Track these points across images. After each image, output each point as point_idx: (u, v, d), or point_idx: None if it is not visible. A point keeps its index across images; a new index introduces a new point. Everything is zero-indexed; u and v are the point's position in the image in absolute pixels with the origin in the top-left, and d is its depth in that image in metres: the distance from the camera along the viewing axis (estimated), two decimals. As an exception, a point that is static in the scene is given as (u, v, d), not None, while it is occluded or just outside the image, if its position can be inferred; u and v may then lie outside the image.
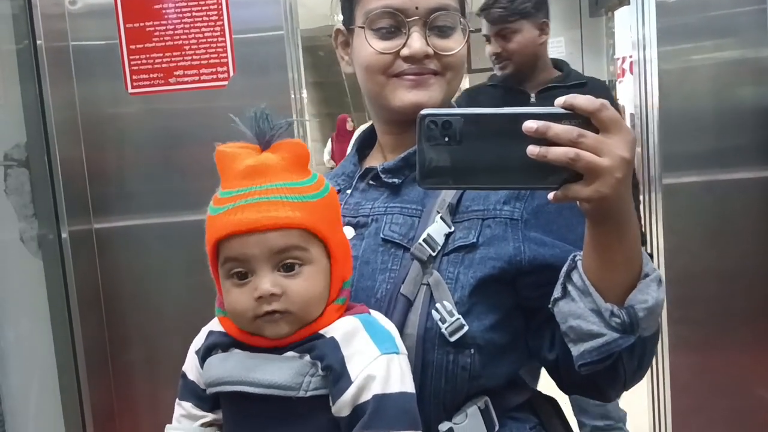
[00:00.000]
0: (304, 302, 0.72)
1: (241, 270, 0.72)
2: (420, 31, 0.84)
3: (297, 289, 0.72)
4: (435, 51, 0.84)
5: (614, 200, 0.65)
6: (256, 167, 0.72)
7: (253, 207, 0.71)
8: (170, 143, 1.81)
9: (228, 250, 0.72)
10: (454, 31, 0.85)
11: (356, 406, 0.69)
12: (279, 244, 0.71)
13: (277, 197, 0.71)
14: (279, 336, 0.73)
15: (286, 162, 0.73)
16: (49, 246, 1.80)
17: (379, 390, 0.69)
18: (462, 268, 0.80)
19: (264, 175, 0.72)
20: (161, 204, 1.83)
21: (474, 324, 0.79)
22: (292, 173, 0.73)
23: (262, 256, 0.71)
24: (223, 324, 0.77)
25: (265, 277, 0.71)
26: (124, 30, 1.76)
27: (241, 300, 0.72)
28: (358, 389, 0.69)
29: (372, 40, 0.85)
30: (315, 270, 0.73)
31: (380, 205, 0.87)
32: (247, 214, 0.71)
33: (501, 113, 0.65)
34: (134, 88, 1.78)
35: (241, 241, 0.71)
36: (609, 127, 0.63)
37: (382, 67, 0.85)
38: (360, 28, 0.86)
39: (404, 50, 0.84)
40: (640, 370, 0.76)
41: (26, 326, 1.82)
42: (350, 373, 0.70)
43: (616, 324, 0.70)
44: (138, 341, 1.87)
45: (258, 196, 0.71)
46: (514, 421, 0.83)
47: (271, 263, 0.71)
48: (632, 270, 0.70)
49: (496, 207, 0.82)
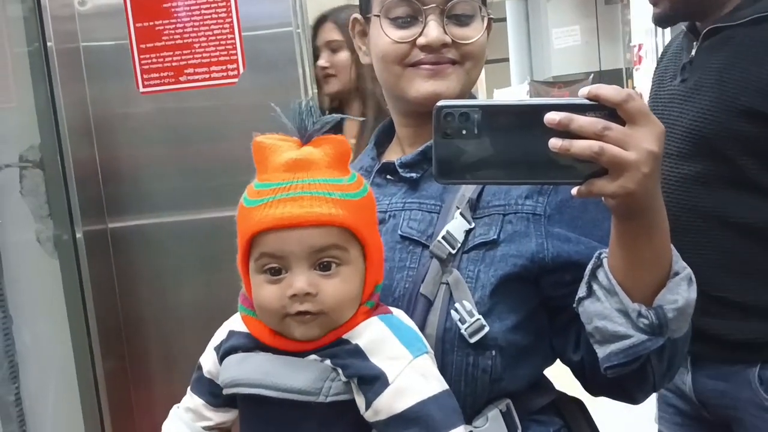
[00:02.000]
0: (337, 304, 0.70)
1: (275, 266, 0.70)
2: (437, 19, 0.81)
3: (332, 291, 0.69)
4: (453, 39, 0.82)
5: (641, 196, 0.62)
6: (298, 160, 0.70)
7: (295, 201, 0.68)
8: (182, 141, 1.81)
9: (264, 245, 0.70)
10: (473, 20, 0.83)
11: (397, 414, 0.67)
12: (319, 242, 0.69)
13: (321, 193, 0.69)
14: (309, 338, 0.70)
15: (329, 158, 0.71)
16: (64, 246, 1.81)
17: (421, 396, 0.68)
18: (482, 266, 0.78)
19: (307, 169, 0.69)
20: (175, 202, 1.83)
21: (495, 325, 0.76)
22: (335, 170, 0.71)
23: (301, 253, 0.69)
24: (247, 324, 0.75)
25: (302, 275, 0.69)
26: (134, 29, 1.76)
27: (272, 297, 0.70)
28: (397, 391, 0.67)
29: (388, 29, 0.83)
30: (352, 272, 0.71)
31: (398, 201, 0.85)
32: (289, 208, 0.68)
33: (521, 104, 0.62)
34: (145, 87, 1.78)
35: (280, 237, 0.68)
36: (636, 118, 0.60)
37: (398, 57, 0.83)
38: (376, 17, 0.84)
39: (420, 39, 0.81)
40: (669, 372, 0.74)
41: (43, 327, 1.83)
42: (387, 375, 0.68)
43: (644, 325, 0.67)
44: (155, 340, 1.88)
45: (301, 190, 0.69)
46: (538, 424, 0.81)
47: (308, 261, 0.69)
48: (661, 268, 0.67)
49: (518, 202, 0.79)
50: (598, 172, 0.61)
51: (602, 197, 0.64)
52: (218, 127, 1.71)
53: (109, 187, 1.83)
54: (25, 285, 1.81)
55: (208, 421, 0.81)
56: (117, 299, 1.87)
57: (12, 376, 1.81)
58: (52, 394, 1.85)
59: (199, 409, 0.81)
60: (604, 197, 0.64)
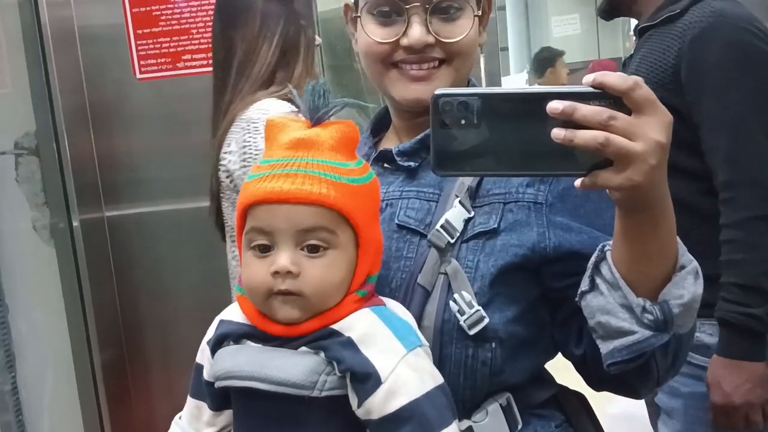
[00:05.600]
0: (319, 287, 0.69)
1: (264, 243, 0.69)
2: (421, 16, 0.78)
3: (315, 273, 0.68)
4: (438, 39, 0.79)
5: (648, 189, 0.60)
6: (302, 140, 0.70)
7: (288, 177, 0.68)
8: (180, 128, 1.79)
9: (254, 218, 0.70)
10: (461, 13, 0.79)
11: (390, 414, 0.66)
12: (306, 221, 0.68)
13: (316, 172, 0.68)
14: (289, 320, 0.69)
15: (334, 141, 0.71)
16: (61, 235, 1.80)
17: (413, 395, 0.67)
18: (482, 255, 0.76)
19: (309, 148, 0.70)
20: (172, 190, 1.82)
21: (495, 316, 0.75)
22: (338, 153, 0.71)
23: (287, 230, 0.68)
24: (240, 304, 0.74)
25: (286, 253, 0.68)
26: (130, 14, 1.74)
27: (257, 273, 0.69)
28: (389, 392, 0.66)
29: (370, 26, 0.80)
30: (339, 256, 0.70)
31: (395, 189, 0.83)
32: (281, 183, 0.68)
33: (523, 93, 0.60)
34: (142, 73, 1.76)
35: (270, 211, 0.68)
36: (643, 107, 0.58)
37: (381, 56, 0.80)
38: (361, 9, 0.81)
39: (403, 39, 0.78)
40: (674, 366, 0.72)
41: (40, 316, 1.83)
42: (379, 372, 0.67)
43: (648, 321, 0.65)
44: (152, 328, 1.87)
45: (296, 168, 0.68)
46: (539, 418, 0.80)
47: (295, 240, 0.68)
48: (667, 262, 0.66)
49: (519, 190, 0.78)
50: (603, 163, 0.59)
51: (607, 189, 0.62)
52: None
53: (106, 174, 1.82)
54: (21, 273, 1.80)
55: (211, 428, 0.79)
56: (114, 288, 1.86)
57: (8, 365, 1.80)
58: (49, 384, 1.85)
59: (202, 415, 0.79)
60: (609, 190, 0.62)
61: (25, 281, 1.81)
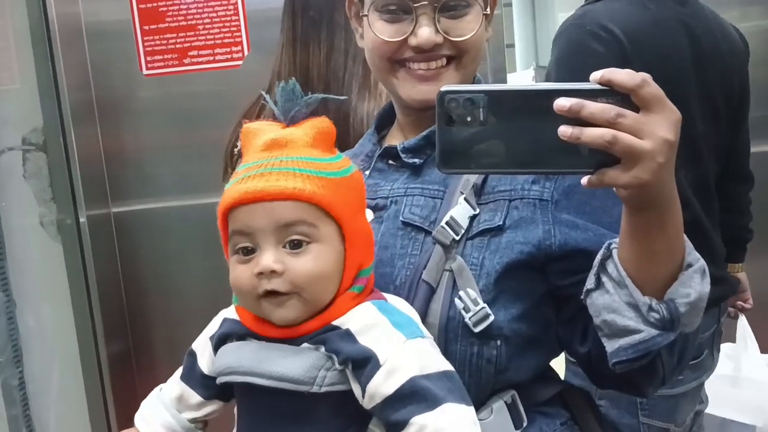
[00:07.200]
0: (308, 281, 0.68)
1: (246, 245, 0.69)
2: (429, 14, 0.77)
3: (301, 268, 0.68)
4: (446, 37, 0.78)
5: (656, 187, 0.60)
6: (276, 140, 0.70)
7: (263, 176, 0.68)
8: (186, 124, 1.80)
9: (234, 221, 0.70)
10: (469, 9, 0.79)
11: (392, 393, 0.65)
12: (284, 216, 0.68)
13: (290, 169, 0.68)
14: (287, 321, 0.69)
15: (309, 137, 0.71)
16: (68, 230, 1.80)
17: (416, 371, 0.66)
18: (487, 253, 0.76)
19: (283, 147, 0.70)
20: (179, 186, 1.82)
21: (500, 313, 0.75)
22: (314, 149, 0.71)
23: (267, 228, 0.68)
24: (238, 312, 0.74)
25: (268, 252, 0.68)
26: (137, 11, 1.74)
27: (243, 276, 0.69)
28: (389, 372, 0.65)
29: (378, 23, 0.80)
30: (324, 250, 0.69)
31: (400, 186, 0.83)
32: (255, 182, 0.68)
33: (529, 90, 0.60)
34: (149, 69, 1.76)
35: (247, 211, 0.68)
36: (651, 105, 0.58)
37: (387, 54, 0.80)
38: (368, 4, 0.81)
39: (411, 39, 0.78)
40: (680, 365, 0.72)
41: (47, 311, 1.83)
42: (378, 355, 0.66)
43: (654, 320, 0.65)
44: (158, 324, 1.88)
45: (271, 167, 0.69)
46: (544, 416, 0.79)
47: (276, 238, 0.68)
48: (674, 260, 0.65)
49: (524, 187, 0.77)
50: (610, 161, 0.59)
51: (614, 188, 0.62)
52: (222, 110, 1.69)
53: (113, 170, 1.83)
54: (28, 269, 1.81)
55: (195, 413, 0.79)
56: (121, 283, 1.87)
57: (16, 360, 1.81)
58: (56, 378, 1.86)
59: (188, 399, 0.79)
60: (616, 188, 0.61)
61: (33, 277, 1.82)
